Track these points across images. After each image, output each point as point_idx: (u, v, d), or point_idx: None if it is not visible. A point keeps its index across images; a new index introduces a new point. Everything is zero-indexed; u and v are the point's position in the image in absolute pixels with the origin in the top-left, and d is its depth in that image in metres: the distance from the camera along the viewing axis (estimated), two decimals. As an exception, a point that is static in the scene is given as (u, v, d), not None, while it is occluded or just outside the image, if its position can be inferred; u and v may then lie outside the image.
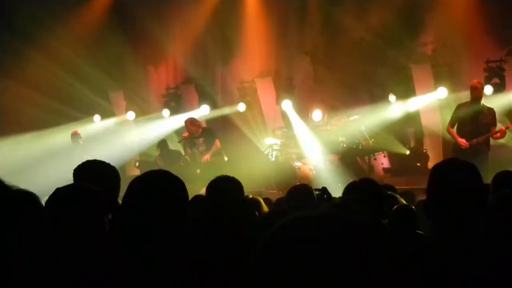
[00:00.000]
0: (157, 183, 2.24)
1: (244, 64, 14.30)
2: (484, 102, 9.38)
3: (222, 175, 4.21)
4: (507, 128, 9.42)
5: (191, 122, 11.69)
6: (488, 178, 5.23)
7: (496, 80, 11.44)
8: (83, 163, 3.41)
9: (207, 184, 3.97)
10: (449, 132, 9.47)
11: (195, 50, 14.65)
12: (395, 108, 12.44)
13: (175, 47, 15.04)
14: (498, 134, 9.22)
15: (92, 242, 2.32)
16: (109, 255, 2.33)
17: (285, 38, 14.18)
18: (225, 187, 3.86)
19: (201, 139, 11.60)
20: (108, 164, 3.41)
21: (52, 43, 13.80)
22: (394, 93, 12.36)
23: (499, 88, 11.31)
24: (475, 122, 9.17)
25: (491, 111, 9.29)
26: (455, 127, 9.39)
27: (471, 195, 2.37)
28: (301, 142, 12.13)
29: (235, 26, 14.23)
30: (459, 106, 9.50)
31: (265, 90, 13.99)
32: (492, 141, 9.43)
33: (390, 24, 12.54)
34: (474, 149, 9.06)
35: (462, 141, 9.14)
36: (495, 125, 9.24)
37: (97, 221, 2.40)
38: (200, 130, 11.67)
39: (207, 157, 11.41)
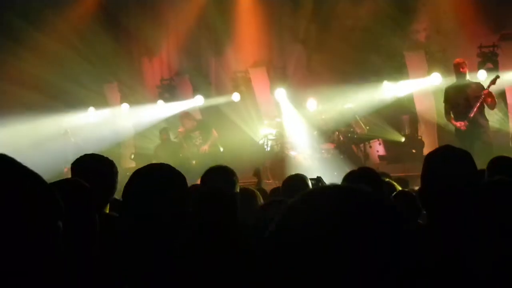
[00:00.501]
0: (159, 177, 2.24)
1: (237, 54, 14.25)
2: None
3: (216, 165, 4.23)
4: (487, 87, 9.19)
5: (185, 116, 11.68)
6: (491, 148, 5.23)
7: (489, 65, 11.43)
8: (81, 158, 3.35)
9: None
10: (449, 121, 9.45)
11: (188, 41, 14.59)
12: (389, 95, 12.44)
13: (168, 38, 14.99)
14: (489, 99, 9.12)
15: (81, 238, 2.28)
16: (100, 251, 2.32)
17: (277, 26, 14.13)
18: (218, 177, 3.87)
19: (197, 132, 11.60)
20: (106, 159, 3.37)
21: (43, 38, 13.69)
22: (388, 80, 12.36)
23: (493, 73, 11.31)
24: (465, 97, 9.17)
25: (479, 85, 9.31)
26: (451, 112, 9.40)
27: (464, 183, 2.38)
28: (293, 131, 12.12)
29: (227, 16, 14.15)
30: (446, 90, 9.53)
31: (259, 80, 13.94)
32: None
33: (383, 11, 12.53)
34: (472, 122, 9.03)
35: (459, 124, 9.13)
36: None
37: (87, 217, 2.35)
38: (195, 123, 11.67)
39: (205, 147, 11.41)
